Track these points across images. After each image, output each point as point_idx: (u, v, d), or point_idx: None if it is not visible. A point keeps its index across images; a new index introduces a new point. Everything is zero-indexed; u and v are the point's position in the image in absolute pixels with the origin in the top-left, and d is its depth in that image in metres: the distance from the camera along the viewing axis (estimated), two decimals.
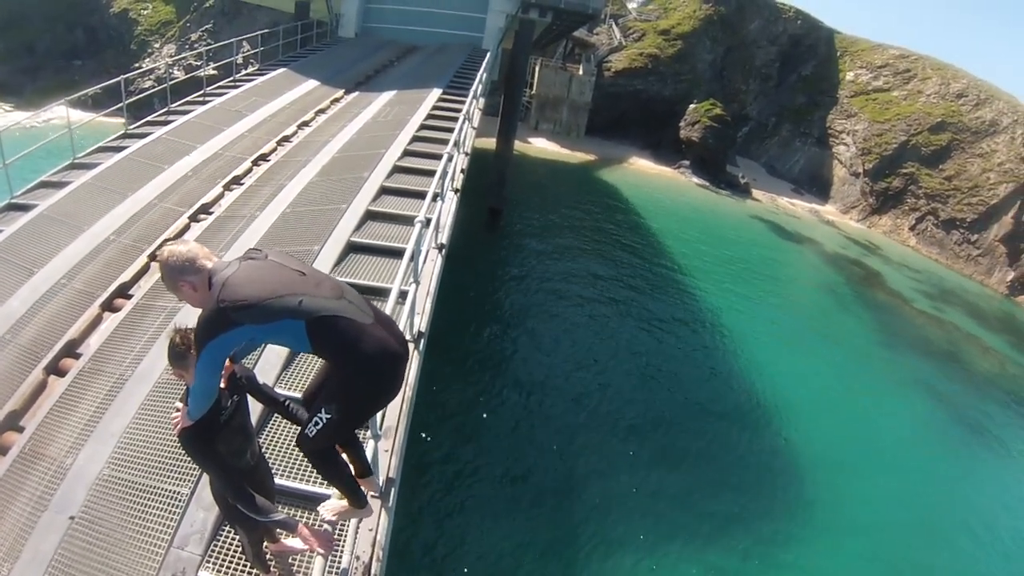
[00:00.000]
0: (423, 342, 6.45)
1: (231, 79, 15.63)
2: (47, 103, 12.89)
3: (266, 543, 3.84)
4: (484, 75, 15.70)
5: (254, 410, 4.63)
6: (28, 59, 36.01)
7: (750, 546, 12.03)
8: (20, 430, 4.99)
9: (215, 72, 19.58)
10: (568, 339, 17.85)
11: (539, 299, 19.64)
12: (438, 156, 9.04)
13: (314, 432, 3.01)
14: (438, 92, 15.18)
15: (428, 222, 6.96)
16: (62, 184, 8.76)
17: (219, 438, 3.01)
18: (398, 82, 16.39)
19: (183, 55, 31.58)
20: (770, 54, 44.42)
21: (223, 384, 3.03)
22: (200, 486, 4.34)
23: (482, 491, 11.69)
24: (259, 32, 20.26)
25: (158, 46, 36.44)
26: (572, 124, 40.20)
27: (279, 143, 11.48)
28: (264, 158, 10.74)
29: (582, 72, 39.88)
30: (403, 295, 5.73)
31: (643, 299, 21.73)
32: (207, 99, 13.65)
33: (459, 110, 11.87)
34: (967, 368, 25.68)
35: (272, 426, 5.01)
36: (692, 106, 40.29)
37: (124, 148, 10.23)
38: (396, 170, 10.09)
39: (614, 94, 40.41)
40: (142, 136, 10.88)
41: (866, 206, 42.27)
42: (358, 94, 15.32)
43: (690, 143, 39.88)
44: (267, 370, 5.48)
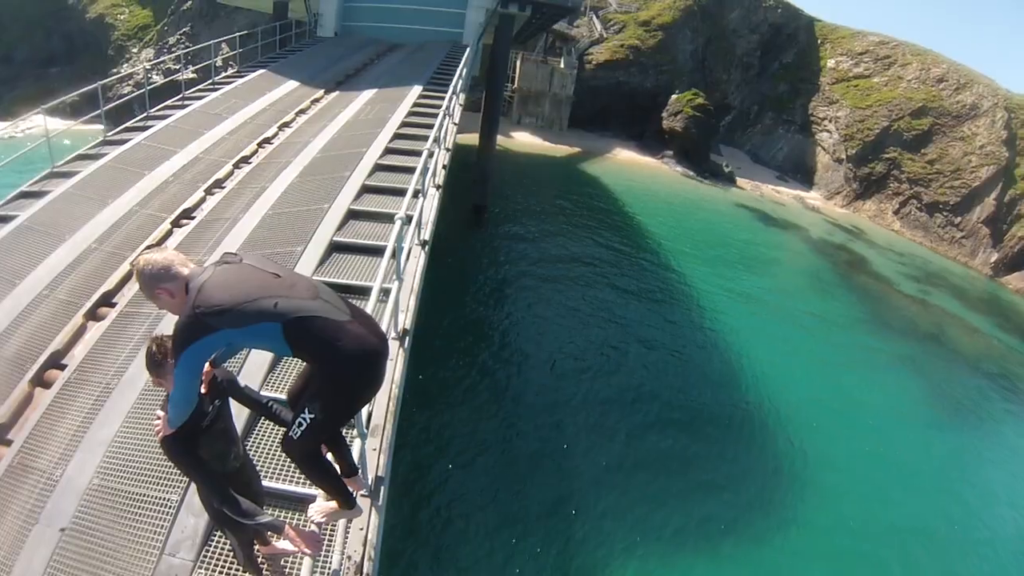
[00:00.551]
0: (408, 339, 6.46)
1: (210, 82, 15.51)
2: (25, 112, 12.79)
3: (257, 546, 3.84)
4: (464, 71, 15.68)
5: (241, 413, 4.65)
6: (5, 69, 35.70)
7: (738, 524, 12.17)
8: (8, 443, 4.95)
9: (194, 75, 19.49)
10: (555, 330, 17.89)
11: (525, 293, 19.65)
12: (419, 153, 9.01)
13: (298, 433, 2.99)
14: (419, 89, 15.14)
15: (410, 219, 6.95)
16: (42, 194, 8.68)
17: (201, 443, 3.01)
18: (378, 80, 16.34)
19: (161, 59, 31.30)
20: (751, 43, 44.58)
21: (204, 389, 3.03)
22: (190, 492, 4.33)
23: (474, 487, 11.71)
24: (238, 34, 20.12)
25: (136, 51, 36.16)
26: (554, 117, 40.22)
27: (260, 145, 11.42)
28: (245, 160, 10.68)
29: (563, 65, 39.87)
30: (386, 293, 5.73)
31: (630, 289, 21.80)
32: (186, 103, 13.55)
33: (440, 106, 11.85)
34: (953, 349, 25.96)
35: (259, 428, 5.01)
36: (674, 96, 40.40)
37: (103, 155, 10.14)
38: (378, 168, 10.07)
39: (596, 86, 40.44)
40: (121, 143, 10.79)
41: (850, 192, 42.59)
42: (338, 93, 15.27)
43: (673, 133, 39.97)
44: (253, 372, 5.47)
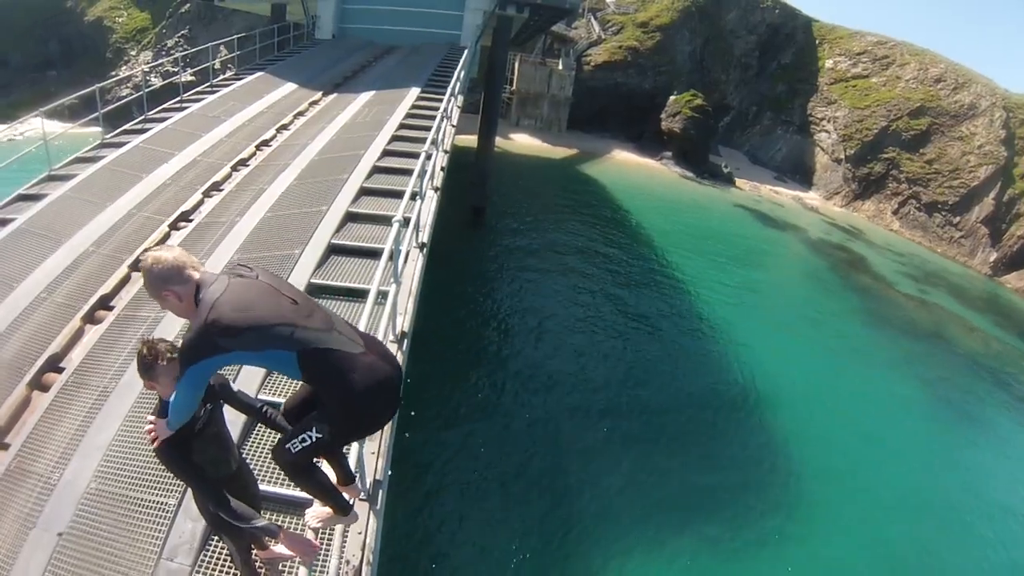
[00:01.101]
0: (407, 342, 6.44)
1: (208, 84, 15.51)
2: (23, 116, 12.77)
3: (255, 550, 3.83)
4: (462, 73, 15.67)
5: (238, 418, 4.64)
6: (2, 73, 35.71)
7: (740, 525, 12.17)
8: (5, 447, 4.94)
9: (192, 78, 19.47)
10: (555, 330, 17.90)
11: (524, 294, 19.65)
12: (417, 155, 9.01)
13: (298, 448, 2.97)
14: (416, 91, 15.13)
15: (408, 221, 6.94)
16: (39, 197, 8.68)
17: (194, 448, 3.00)
18: (376, 82, 16.33)
19: (159, 62, 31.31)
20: (749, 43, 44.61)
21: None
22: (187, 496, 4.32)
23: (473, 488, 11.70)
24: (236, 36, 20.15)
25: (134, 53, 36.17)
26: (553, 119, 40.24)
27: (258, 147, 11.40)
28: (243, 163, 10.67)
29: (562, 67, 39.93)
30: (384, 295, 5.72)
31: (629, 289, 21.81)
32: (184, 105, 13.56)
33: (437, 108, 11.84)
34: (952, 348, 25.96)
35: (255, 433, 4.99)
36: (672, 97, 40.44)
37: (101, 158, 10.14)
38: (376, 171, 10.06)
39: (594, 88, 40.47)
40: (119, 145, 10.79)
41: (849, 192, 42.62)
42: (336, 96, 15.25)
43: (672, 134, 40.00)
44: (249, 377, 5.46)
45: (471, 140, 25.34)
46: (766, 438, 15.39)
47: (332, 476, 3.57)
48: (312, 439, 2.93)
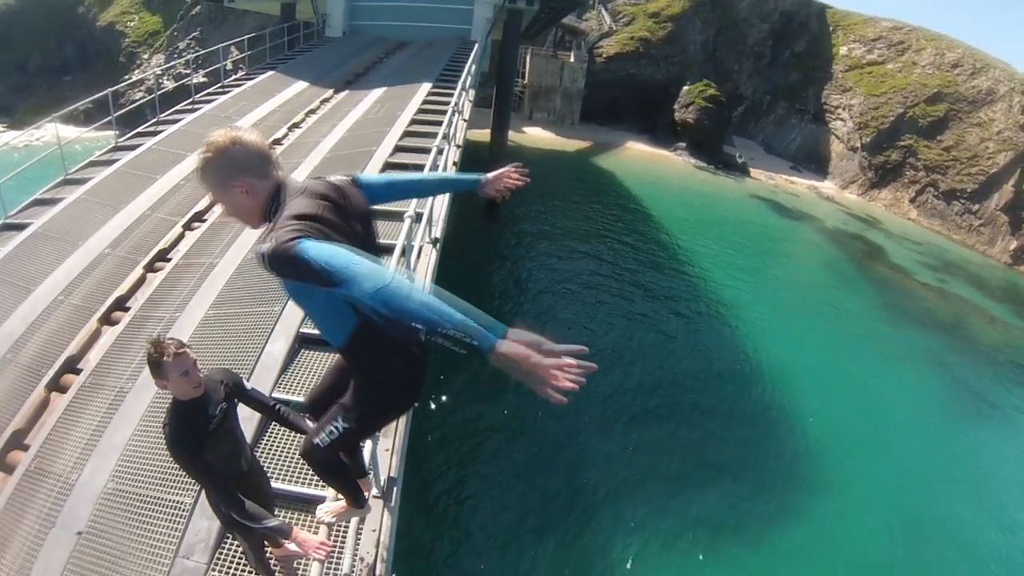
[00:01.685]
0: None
1: (219, 85, 15.61)
2: (39, 121, 12.92)
3: (270, 548, 3.85)
4: (473, 67, 15.66)
5: (251, 416, 4.67)
6: (19, 78, 36.09)
7: (759, 518, 12.09)
8: (25, 448, 5.01)
9: (204, 79, 19.58)
10: (571, 322, 17.87)
11: (540, 286, 19.61)
12: (429, 151, 9.01)
13: (328, 442, 2.83)
14: (428, 86, 15.13)
15: (420, 217, 6.94)
16: (55, 201, 8.78)
17: (208, 446, 3.01)
18: (387, 79, 16.36)
19: (171, 64, 31.55)
20: (762, 32, 44.18)
21: (199, 392, 3.02)
22: (203, 495, 4.35)
23: (489, 484, 11.69)
24: (246, 36, 20.23)
25: (147, 57, 36.43)
26: (566, 112, 40.12)
27: (270, 146, 11.43)
28: None
29: (573, 59, 39.78)
30: None
31: (645, 282, 21.72)
32: (196, 107, 13.66)
33: (449, 103, 11.84)
34: (972, 338, 25.63)
35: (270, 431, 5.02)
36: (686, 88, 40.13)
37: (115, 161, 10.24)
38: (387, 167, 10.07)
39: (607, 80, 40.28)
40: (133, 148, 10.88)
41: (865, 180, 42.10)
42: (347, 93, 15.29)
43: (685, 125, 39.73)
44: (263, 374, 5.50)
45: (484, 135, 25.34)
46: (780, 423, 15.30)
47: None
48: (339, 430, 2.77)
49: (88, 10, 37.84)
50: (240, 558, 4.07)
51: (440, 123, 11.05)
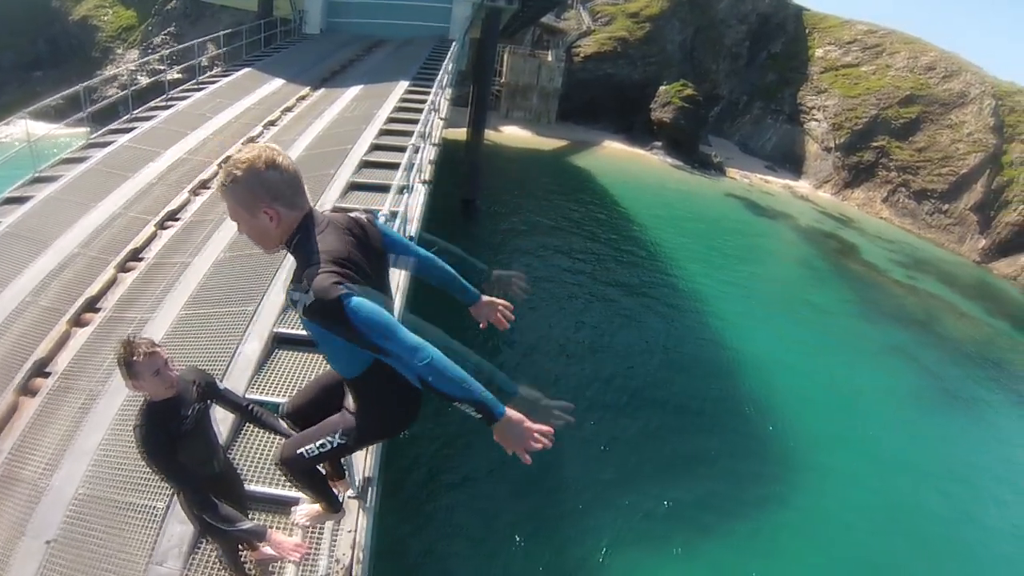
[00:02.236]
0: None
1: (195, 82, 15.42)
2: (9, 117, 12.64)
3: (246, 551, 3.82)
4: (451, 65, 15.62)
5: (227, 417, 4.62)
6: None
7: (735, 513, 12.23)
8: None
9: (179, 75, 19.34)
10: (548, 319, 17.92)
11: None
12: (406, 149, 8.97)
13: (316, 453, 2.77)
14: (405, 85, 15.07)
15: (396, 215, 6.91)
16: (25, 199, 8.60)
17: (181, 448, 2.97)
18: (364, 77, 16.27)
19: (146, 59, 31.08)
20: (739, 33, 44.53)
21: (172, 392, 2.98)
22: (176, 499, 4.30)
23: (464, 478, 11.70)
24: (222, 32, 19.98)
25: (121, 52, 35.86)
26: (543, 111, 40.15)
27: (246, 144, 11.33)
28: None
29: (551, 58, 39.81)
30: None
31: (621, 279, 21.85)
32: (171, 103, 13.46)
33: (426, 102, 11.81)
34: (943, 333, 26.17)
35: (244, 432, 4.97)
36: (663, 87, 40.37)
37: (87, 158, 10.06)
38: (364, 165, 10.03)
39: (584, 79, 40.37)
40: (105, 145, 10.71)
41: (839, 180, 42.66)
42: (324, 90, 15.17)
43: (662, 124, 39.98)
44: (237, 374, 5.45)
45: (461, 133, 25.29)
46: (756, 416, 15.55)
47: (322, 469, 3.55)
48: (333, 444, 2.72)
49: (62, 4, 37.16)
50: (215, 563, 4.03)
51: (417, 122, 11.01)
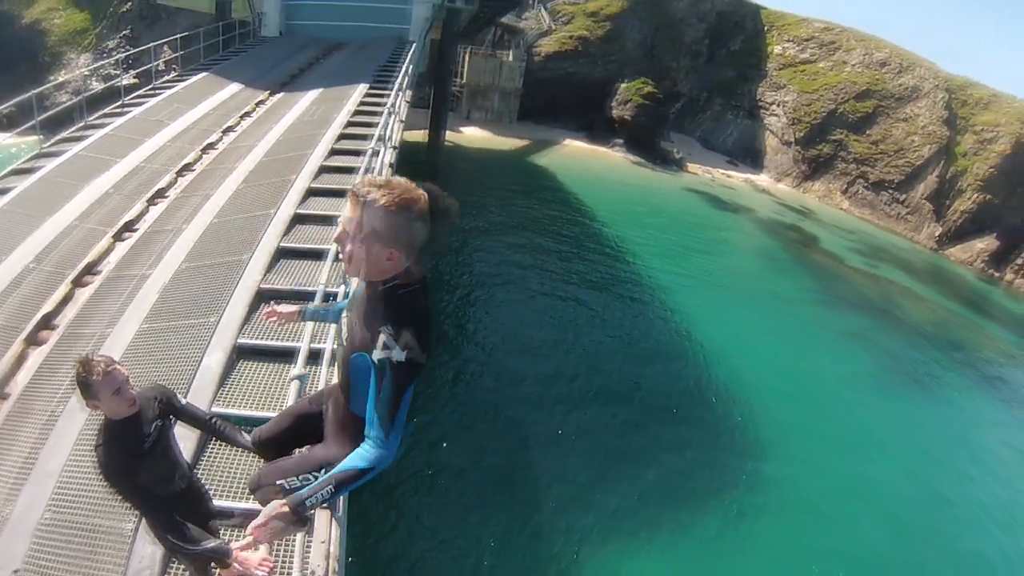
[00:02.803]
0: None
1: (151, 87, 15.15)
2: None
3: (218, 570, 3.77)
4: (410, 67, 15.56)
5: (191, 432, 4.56)
6: None
7: (705, 502, 12.44)
8: None
9: (135, 80, 18.95)
10: (512, 316, 18.02)
11: (480, 284, 19.64)
12: (365, 153, 8.93)
13: (298, 486, 2.62)
14: (364, 88, 14.98)
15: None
16: None
17: (143, 467, 2.93)
18: (323, 80, 16.15)
19: (99, 64, 30.41)
20: (699, 31, 44.99)
21: (134, 410, 2.94)
22: (144, 519, 4.22)
23: (435, 483, 11.65)
24: (178, 35, 19.64)
25: (73, 56, 35.02)
26: (503, 111, 40.04)
27: (203, 151, 11.20)
28: (189, 168, 10.47)
29: (512, 58, 39.76)
30: (333, 297, 5.72)
31: (584, 275, 21.97)
32: (126, 110, 13.20)
33: (385, 104, 11.77)
34: (901, 318, 27.07)
35: (210, 447, 4.89)
36: (623, 85, 40.64)
37: (39, 168, 9.80)
38: (323, 170, 9.94)
39: (545, 78, 40.42)
40: (58, 154, 10.44)
41: (799, 173, 43.53)
42: (283, 95, 15.04)
43: (622, 122, 40.27)
44: (201, 388, 5.36)
45: (422, 135, 25.17)
46: (725, 411, 15.75)
47: None
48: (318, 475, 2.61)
49: (11, 7, 36.15)
50: None
51: (375, 124, 10.96)
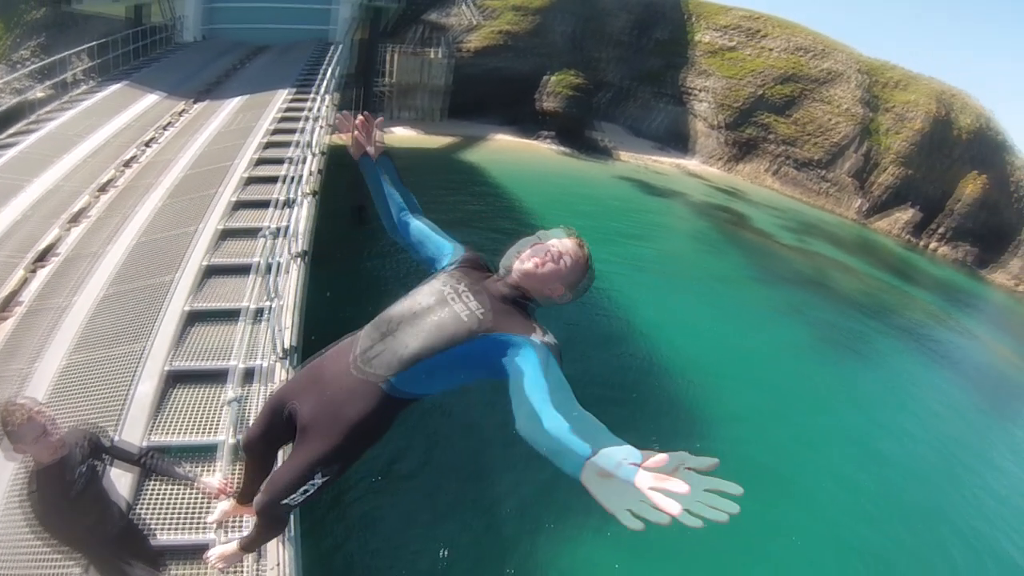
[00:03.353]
0: (296, 356, 6.37)
1: (64, 100, 14.63)
2: None
3: None
4: (333, 69, 15.41)
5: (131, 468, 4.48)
6: None
7: None
8: None
9: (49, 92, 18.25)
10: None
11: (412, 278, 19.55)
12: (290, 160, 8.85)
13: (301, 500, 2.59)
14: (287, 93, 14.76)
15: (282, 231, 6.84)
16: None
17: (75, 512, 2.90)
18: (246, 86, 15.86)
19: (8, 78, 29.13)
20: (625, 21, 45.56)
21: (63, 453, 2.88)
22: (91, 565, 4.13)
23: (384, 485, 11.64)
24: (90, 44, 18.92)
25: None
26: (431, 109, 39.54)
27: (123, 167, 10.90)
28: (108, 186, 10.19)
29: (437, 55, 39.37)
30: (263, 312, 5.68)
31: None
32: (39, 125, 12.68)
33: (308, 109, 11.65)
34: (832, 288, 28.40)
35: (147, 482, 4.74)
36: (551, 78, 40.91)
37: None
38: (248, 181, 9.79)
39: (472, 74, 40.20)
40: None
41: (727, 156, 44.79)
42: (205, 103, 14.72)
43: (551, 114, 40.56)
44: (135, 419, 5.22)
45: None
46: (666, 391, 16.13)
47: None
48: (318, 484, 2.56)
49: None
50: None
51: (301, 131, 10.87)
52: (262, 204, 8.93)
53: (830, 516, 13.45)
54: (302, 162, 9.49)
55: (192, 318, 6.51)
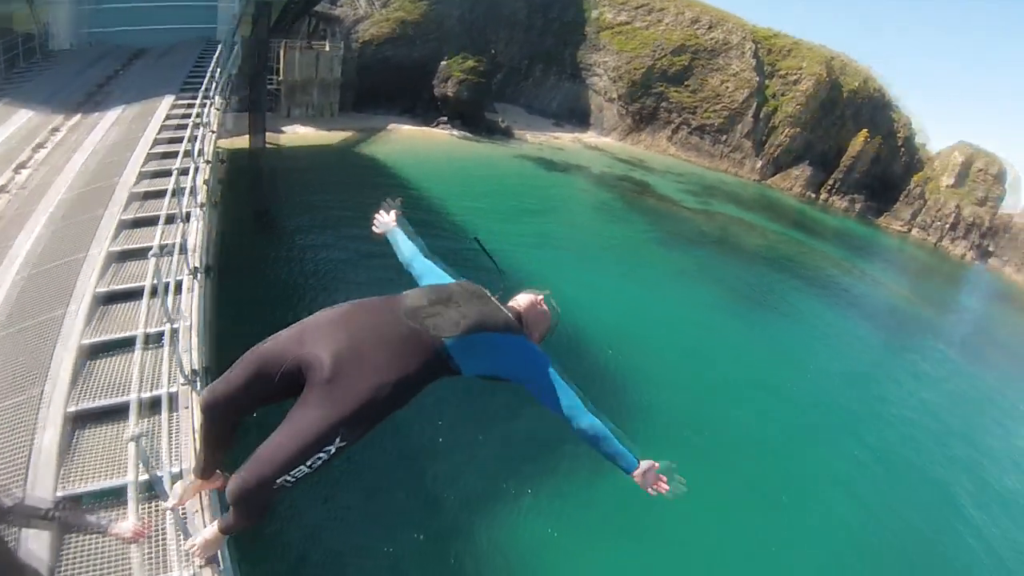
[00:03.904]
0: (208, 377, 6.03)
1: None
2: None
3: None
4: (219, 70, 14.69)
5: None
6: None
7: (566, 447, 12.85)
8: None
9: None
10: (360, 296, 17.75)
11: (325, 281, 19.19)
12: (179, 171, 8.32)
13: (306, 473, 2.43)
14: (171, 99, 13.98)
15: (176, 247, 6.45)
16: None
17: None
18: (125, 94, 14.90)
19: None
20: (519, 2, 45.62)
21: None
22: None
23: (323, 494, 11.40)
24: None
25: None
26: (325, 104, 38.49)
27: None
28: None
29: (328, 48, 38.34)
30: (159, 337, 5.37)
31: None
32: None
33: (195, 115, 11.01)
34: (737, 246, 29.78)
35: (67, 539, 4.23)
36: (444, 63, 40.62)
37: None
38: (135, 198, 9.16)
39: (365, 65, 39.52)
40: None
41: (626, 127, 45.86)
42: (81, 116, 13.67)
43: (446, 99, 40.53)
44: (41, 473, 4.67)
45: (245, 140, 23.78)
46: (588, 370, 16.18)
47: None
48: (333, 451, 2.42)
49: None
50: None
51: (189, 138, 10.29)
52: (152, 221, 8.31)
53: (751, 461, 14.26)
54: (194, 172, 8.98)
55: (90, 352, 6.06)
